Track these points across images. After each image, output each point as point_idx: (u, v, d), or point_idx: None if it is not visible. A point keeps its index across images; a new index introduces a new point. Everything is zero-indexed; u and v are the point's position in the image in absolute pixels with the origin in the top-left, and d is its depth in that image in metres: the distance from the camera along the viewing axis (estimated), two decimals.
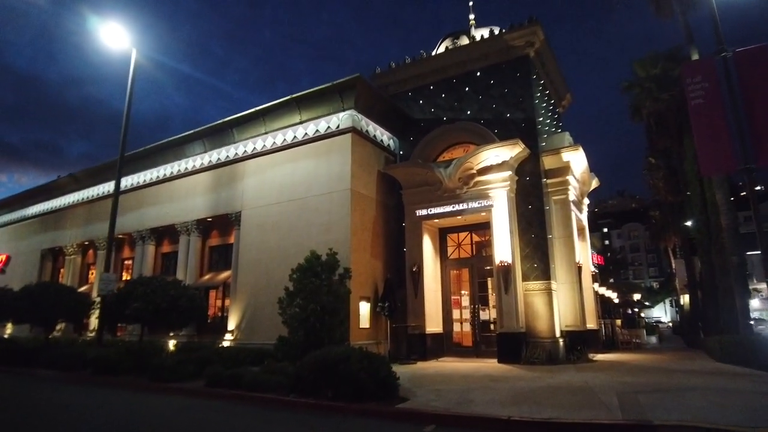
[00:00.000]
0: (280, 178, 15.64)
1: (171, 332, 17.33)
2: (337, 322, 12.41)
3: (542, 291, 13.14)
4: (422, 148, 15.40)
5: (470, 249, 15.27)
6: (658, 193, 34.55)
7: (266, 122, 16.17)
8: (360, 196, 14.32)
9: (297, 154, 15.41)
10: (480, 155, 13.62)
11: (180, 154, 19.07)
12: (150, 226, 19.63)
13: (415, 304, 14.30)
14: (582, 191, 16.16)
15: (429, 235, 15.20)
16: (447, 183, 14.17)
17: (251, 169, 16.56)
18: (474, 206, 13.90)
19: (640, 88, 23.44)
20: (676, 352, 17.08)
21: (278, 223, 15.32)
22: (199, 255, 18.14)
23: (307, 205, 14.74)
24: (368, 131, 15.20)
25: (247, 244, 16.11)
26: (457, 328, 14.98)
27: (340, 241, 13.65)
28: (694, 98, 12.62)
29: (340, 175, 14.20)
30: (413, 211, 14.91)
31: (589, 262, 16.42)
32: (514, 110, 14.57)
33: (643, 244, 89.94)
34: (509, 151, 13.37)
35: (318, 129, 15.03)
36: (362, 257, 14.00)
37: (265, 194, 15.95)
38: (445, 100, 15.91)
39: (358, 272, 13.70)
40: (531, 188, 13.84)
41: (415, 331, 14.09)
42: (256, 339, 14.51)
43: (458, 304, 15.07)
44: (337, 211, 14.02)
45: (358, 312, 13.55)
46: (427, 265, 14.71)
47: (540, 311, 13.07)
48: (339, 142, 14.50)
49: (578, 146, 13.88)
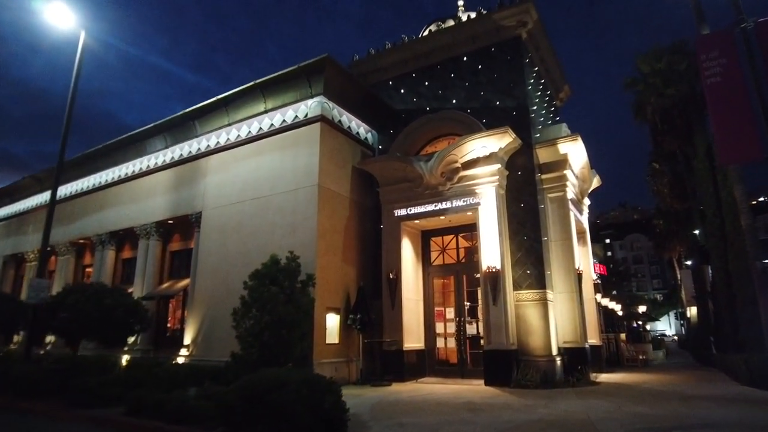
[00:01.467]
0: (244, 174, 13.99)
1: (124, 346, 15.59)
2: (297, 337, 10.67)
3: (536, 301, 11.38)
4: (402, 140, 13.76)
5: (456, 254, 13.53)
6: (662, 199, 33.03)
7: (229, 112, 14.56)
8: (330, 194, 12.64)
9: (262, 147, 13.77)
10: (465, 146, 11.96)
11: (141, 151, 17.45)
12: (109, 230, 17.94)
13: (392, 316, 12.53)
14: (582, 189, 14.45)
15: (409, 239, 13.48)
16: (428, 179, 12.49)
17: (214, 166, 14.92)
18: (458, 204, 12.21)
19: (643, 85, 21.83)
20: (688, 370, 15.23)
21: (240, 224, 13.63)
22: (158, 261, 16.41)
23: (271, 204, 13.06)
24: (341, 122, 13.58)
25: (206, 248, 14.41)
26: (441, 343, 13.17)
27: (305, 243, 11.95)
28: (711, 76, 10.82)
29: (307, 169, 12.54)
30: (391, 210, 13.21)
31: (591, 269, 14.66)
32: (505, 98, 12.95)
33: (646, 255, 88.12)
34: (498, 141, 11.71)
35: (285, 119, 13.41)
36: (331, 262, 12.27)
37: (227, 193, 14.28)
38: (429, 88, 14.30)
39: (326, 279, 11.98)
40: (523, 184, 12.15)
41: (391, 347, 12.30)
42: (213, 355, 12.75)
43: (442, 316, 13.29)
44: (302, 210, 12.34)
45: (325, 325, 11.78)
46: (406, 272, 12.96)
47: (534, 325, 11.30)
48: (307, 132, 12.87)
49: (577, 136, 12.23)
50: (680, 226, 31.78)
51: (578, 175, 13.65)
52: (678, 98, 20.45)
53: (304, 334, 10.91)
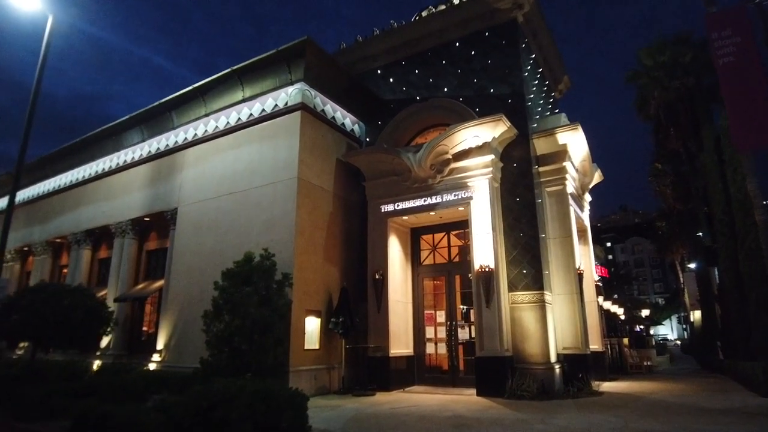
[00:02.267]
0: (221, 167, 13.09)
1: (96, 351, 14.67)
2: (270, 343, 9.78)
3: (533, 304, 10.44)
4: (390, 131, 12.87)
5: (447, 253, 12.59)
6: (665, 200, 32.23)
7: (206, 102, 13.68)
8: (311, 188, 11.73)
9: (240, 138, 12.88)
10: (456, 136, 11.06)
11: (118, 145, 16.57)
12: (85, 228, 17.03)
13: (377, 320, 11.59)
14: (583, 184, 13.52)
15: (397, 237, 12.55)
16: (417, 171, 11.58)
17: (191, 159, 14.02)
18: (449, 199, 11.29)
19: (647, 78, 20.99)
20: (697, 378, 14.25)
21: (216, 221, 12.72)
22: (134, 260, 15.49)
23: (248, 198, 12.16)
24: (325, 111, 12.68)
25: (181, 247, 13.50)
26: (431, 349, 12.21)
27: (283, 241, 11.06)
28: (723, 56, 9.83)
29: (286, 161, 11.64)
30: (377, 206, 12.29)
31: (593, 269, 13.72)
32: (500, 85, 12.05)
33: (647, 258, 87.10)
34: (491, 130, 10.81)
35: (264, 108, 12.52)
36: (312, 261, 11.35)
37: (203, 188, 13.38)
38: (419, 77, 13.42)
39: (305, 280, 11.06)
40: (519, 177, 11.24)
41: (376, 353, 11.35)
42: (186, 361, 11.81)
43: (433, 320, 12.35)
44: (281, 205, 11.43)
45: (304, 329, 10.84)
46: (393, 273, 12.03)
47: (530, 329, 10.36)
48: (286, 122, 11.97)
49: (577, 125, 11.32)
50: (683, 227, 30.95)
51: (579, 168, 12.73)
52: (683, 91, 19.59)
53: (280, 339, 10.02)
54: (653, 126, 25.50)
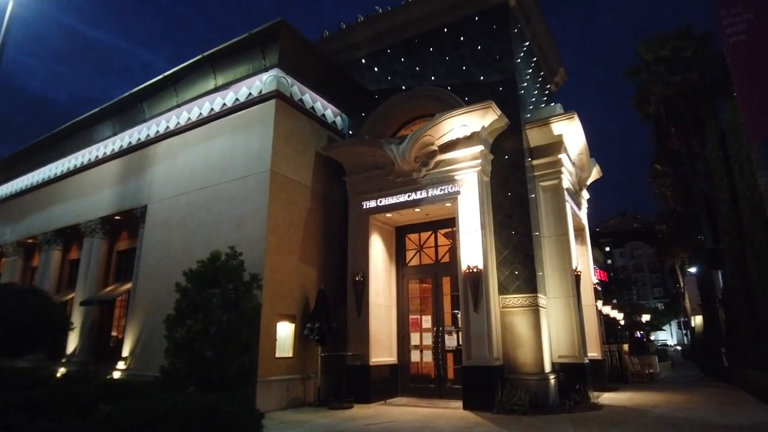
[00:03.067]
0: (192, 161, 12.21)
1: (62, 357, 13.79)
2: (236, 350, 8.86)
3: (526, 308, 9.54)
4: (372, 123, 12.00)
5: (434, 253, 11.69)
6: (665, 202, 31.51)
7: (178, 92, 12.81)
8: (286, 182, 10.84)
9: (213, 130, 12.01)
10: (442, 125, 10.20)
11: (89, 140, 15.68)
12: (56, 228, 16.10)
13: (358, 325, 10.67)
14: (580, 179, 12.63)
15: (381, 236, 11.66)
16: (400, 164, 10.71)
17: (162, 153, 13.14)
18: (435, 194, 10.41)
19: (647, 73, 20.22)
20: (702, 387, 13.33)
21: (185, 218, 11.83)
22: (103, 261, 14.56)
23: (219, 194, 11.27)
24: (303, 101, 11.81)
25: (149, 246, 12.60)
26: (416, 357, 11.29)
27: (254, 239, 10.17)
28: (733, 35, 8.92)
29: (260, 153, 10.76)
30: (359, 202, 11.41)
31: (591, 271, 12.82)
32: (490, 72, 11.21)
33: (646, 263, 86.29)
34: (480, 118, 9.94)
35: (238, 97, 11.65)
36: (286, 261, 10.44)
37: (174, 183, 12.49)
38: (405, 65, 12.57)
39: (278, 281, 10.16)
40: (511, 170, 10.37)
41: (355, 362, 10.43)
42: (152, 369, 10.70)
43: (418, 325, 11.43)
44: (252, 199, 10.54)
45: (275, 335, 9.92)
46: (376, 274, 11.13)
47: (523, 336, 9.45)
48: (260, 111, 11.10)
49: (573, 114, 10.47)
50: (684, 230, 30.27)
51: (575, 161, 11.86)
52: (684, 87, 18.79)
53: (247, 346, 9.10)
54: (653, 125, 24.72)
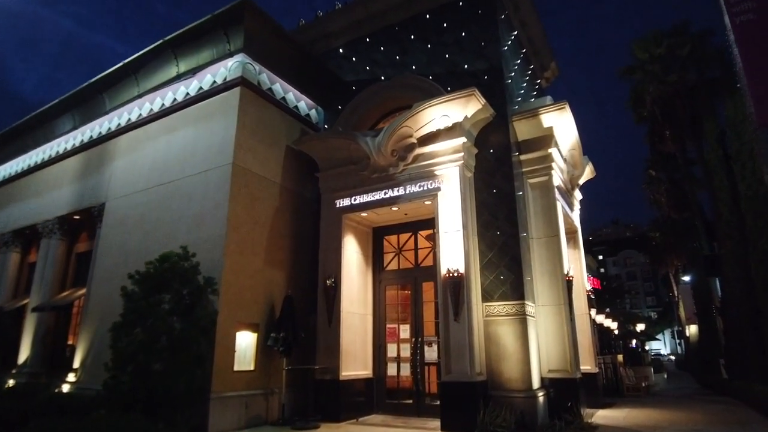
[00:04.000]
0: (153, 155, 11.24)
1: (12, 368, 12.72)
2: (188, 363, 7.87)
3: (512, 317, 8.60)
4: (348, 115, 11.09)
5: (414, 257, 10.75)
6: (660, 209, 31.00)
7: (139, 81, 11.85)
8: (251, 177, 9.88)
9: (175, 122, 11.05)
10: (421, 115, 9.30)
11: (50, 134, 14.65)
12: (12, 228, 14.99)
13: (328, 335, 9.68)
14: (572, 177, 11.75)
15: (356, 237, 10.71)
16: (376, 159, 9.78)
17: (123, 147, 12.15)
18: (414, 191, 9.48)
19: (642, 72, 19.53)
20: (703, 403, 12.42)
21: (143, 216, 10.83)
22: (60, 264, 13.47)
23: (179, 190, 10.29)
24: (273, 91, 10.89)
25: (105, 248, 11.57)
26: (393, 370, 10.29)
27: (213, 239, 9.18)
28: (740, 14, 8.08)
29: (222, 145, 9.80)
30: (332, 201, 10.46)
31: (584, 277, 11.91)
32: (475, 59, 10.36)
33: (639, 271, 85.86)
34: (462, 107, 9.06)
35: (202, 86, 10.71)
36: (249, 264, 9.45)
37: (133, 179, 11.50)
38: (385, 54, 11.70)
39: (240, 286, 9.16)
40: (497, 165, 9.47)
41: (324, 375, 9.42)
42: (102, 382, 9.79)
43: (396, 335, 10.45)
44: (212, 195, 9.56)
45: (233, 346, 8.89)
46: (349, 279, 10.16)
47: (508, 348, 8.50)
48: (225, 100, 10.16)
49: (564, 104, 9.61)
50: (678, 237, 29.72)
51: (567, 157, 10.98)
52: (681, 86, 18.09)
53: (201, 357, 8.10)
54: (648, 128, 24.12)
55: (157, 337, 7.92)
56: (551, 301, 9.22)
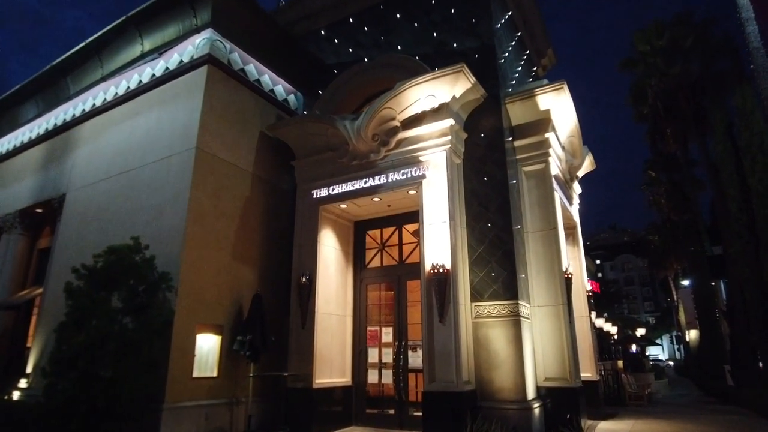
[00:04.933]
0: (116, 142, 10.34)
1: None
2: (137, 368, 6.96)
3: (505, 318, 7.69)
4: (328, 98, 10.22)
5: (398, 252, 9.83)
6: (659, 211, 30.43)
7: (103, 61, 10.97)
8: (218, 163, 8.98)
9: (139, 105, 10.16)
10: (404, 95, 8.42)
11: (14, 123, 13.73)
12: None
13: (301, 338, 8.75)
14: (571, 167, 10.87)
15: (335, 231, 9.80)
16: (356, 144, 8.89)
17: (86, 134, 11.25)
18: (397, 179, 8.59)
19: (643, 65, 18.73)
20: (710, 412, 11.52)
21: (102, 207, 9.92)
22: (21, 261, 12.53)
23: (140, 178, 9.39)
24: (246, 72, 10.00)
25: (64, 242, 10.64)
26: (374, 377, 9.35)
27: (173, 231, 8.27)
28: None
29: (185, 128, 8.90)
30: (308, 191, 9.56)
31: (583, 276, 11.01)
32: (464, 37, 9.51)
33: (637, 276, 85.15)
34: (449, 86, 8.18)
35: (168, 66, 9.82)
36: (213, 259, 8.52)
37: (94, 168, 10.60)
38: (369, 35, 10.84)
39: (202, 283, 8.23)
40: (488, 151, 8.59)
41: (296, 383, 8.48)
42: None
43: (377, 339, 9.52)
44: (174, 183, 8.66)
45: (193, 350, 7.95)
46: (326, 277, 9.25)
47: (500, 354, 7.58)
48: (191, 80, 9.27)
49: (562, 84, 8.73)
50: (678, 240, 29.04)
51: (565, 144, 10.10)
52: (684, 78, 17.29)
53: (153, 363, 7.18)
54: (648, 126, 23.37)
55: (102, 340, 7.00)
56: (548, 301, 8.30)
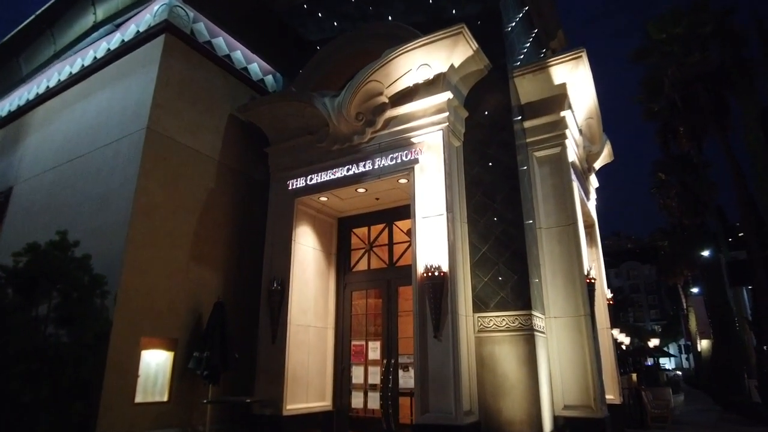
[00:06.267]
0: (66, 127, 9.05)
1: None
2: (60, 393, 5.60)
3: (515, 333, 6.28)
4: (309, 74, 8.89)
5: (388, 253, 8.44)
6: (670, 214, 29.12)
7: (55, 36, 9.71)
8: (174, 148, 7.64)
9: (92, 85, 8.87)
10: (393, 65, 7.09)
11: None
12: None
13: (271, 354, 7.34)
14: (589, 155, 9.44)
15: (314, 229, 8.43)
16: (337, 125, 7.55)
17: (38, 121, 9.97)
18: (384, 165, 7.22)
19: (658, 55, 17.42)
20: None
21: (49, 201, 8.60)
22: None
23: (88, 165, 8.07)
24: (214, 45, 8.69)
25: (8, 240, 9.16)
26: (358, 401, 7.92)
27: (115, 225, 6.92)
28: None
29: (137, 106, 7.59)
30: (283, 182, 8.20)
31: (603, 281, 9.58)
32: (465, 4, 8.19)
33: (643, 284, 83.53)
34: (446, 53, 6.85)
35: (125, 38, 8.54)
36: (164, 259, 7.14)
37: (43, 156, 9.31)
38: (357, 6, 9.54)
39: (150, 288, 6.85)
40: (494, 132, 7.23)
41: (264, 410, 7.06)
42: None
43: (363, 355, 8.10)
44: (121, 170, 7.32)
45: (136, 370, 6.55)
46: (303, 283, 7.87)
47: (510, 377, 6.16)
48: (146, 52, 7.98)
49: (581, 52, 7.38)
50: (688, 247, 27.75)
51: (582, 127, 8.71)
52: (703, 68, 15.96)
53: (85, 383, 5.82)
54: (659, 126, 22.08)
55: (18, 357, 5.64)
56: (567, 311, 6.88)
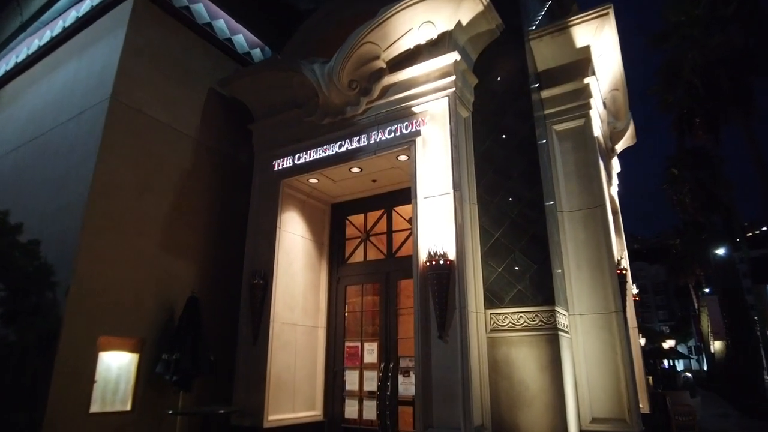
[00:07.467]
0: (31, 104, 8.21)
1: None
2: None
3: (535, 333, 5.30)
4: (300, 42, 7.97)
5: (387, 243, 7.49)
6: (684, 211, 28.25)
7: (22, 5, 8.83)
8: (143, 122, 6.74)
9: (59, 57, 8.05)
10: (391, 24, 6.14)
11: None
12: None
13: (251, 357, 6.41)
14: (613, 132, 8.37)
15: (303, 216, 7.50)
16: (328, 94, 6.61)
17: (7, 98, 9.16)
18: (381, 139, 6.28)
19: (677, 38, 16.40)
20: None
21: (10, 183, 7.76)
22: None
23: (50, 142, 7.21)
24: (193, 11, 7.78)
25: None
26: (352, 410, 6.96)
27: (72, 207, 6.03)
28: None
29: (102, 75, 6.71)
30: (268, 161, 7.27)
31: (629, 274, 8.57)
32: None
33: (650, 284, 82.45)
34: (453, 7, 5.89)
35: (93, 3, 7.66)
36: (128, 247, 6.23)
37: (8, 136, 8.48)
38: None
39: (111, 280, 5.94)
40: (508, 101, 6.26)
41: (242, 421, 6.13)
42: None
43: (358, 358, 7.15)
44: (82, 146, 6.44)
45: (92, 374, 5.64)
46: (290, 276, 6.93)
47: (530, 385, 5.19)
48: (113, 17, 7.14)
49: (608, 8, 6.43)
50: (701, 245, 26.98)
51: (606, 99, 7.72)
52: (726, 50, 14.94)
53: (29, 390, 4.93)
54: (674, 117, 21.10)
55: None
56: (594, 307, 5.88)
